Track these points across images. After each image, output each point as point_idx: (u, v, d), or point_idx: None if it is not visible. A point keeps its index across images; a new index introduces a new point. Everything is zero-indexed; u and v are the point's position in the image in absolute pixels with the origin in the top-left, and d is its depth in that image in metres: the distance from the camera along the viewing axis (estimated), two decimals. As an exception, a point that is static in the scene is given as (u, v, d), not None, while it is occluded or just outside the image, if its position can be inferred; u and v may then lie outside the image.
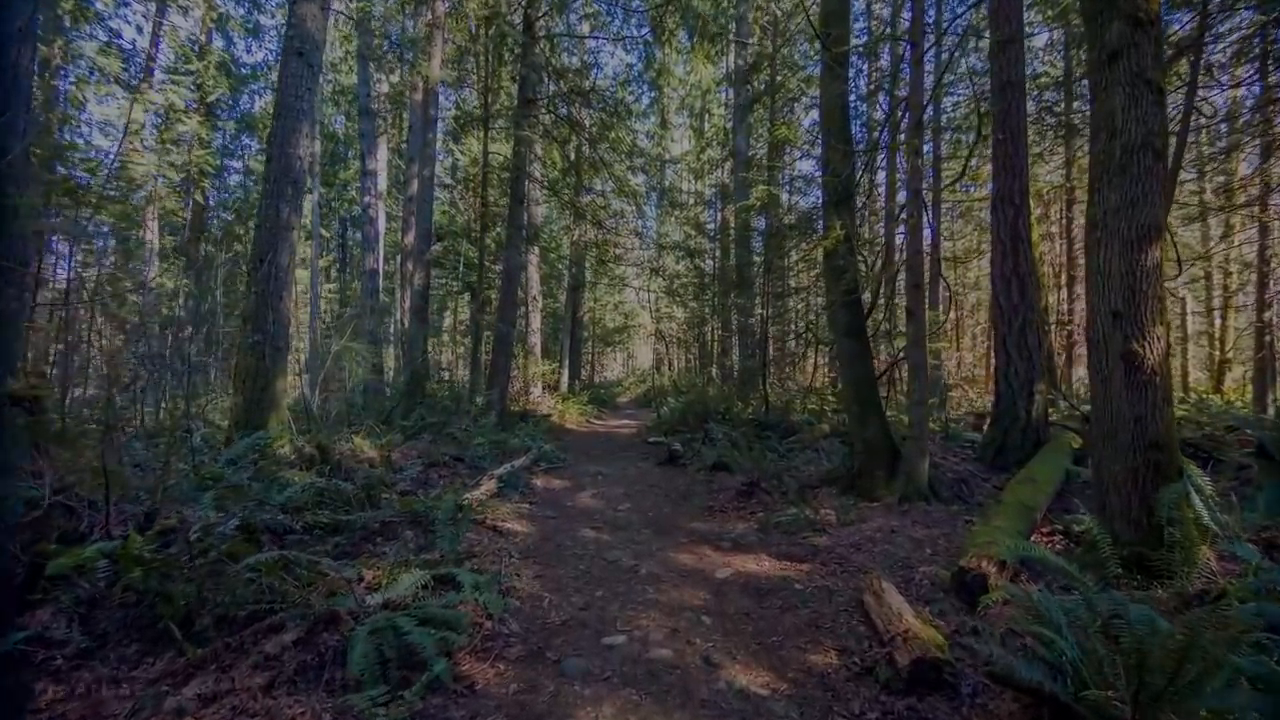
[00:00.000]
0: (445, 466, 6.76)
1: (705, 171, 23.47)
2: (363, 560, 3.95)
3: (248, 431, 5.92)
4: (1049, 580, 3.69)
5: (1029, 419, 6.44)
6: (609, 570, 4.32)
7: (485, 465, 7.00)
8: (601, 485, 7.09)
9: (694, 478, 7.43)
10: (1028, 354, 6.49)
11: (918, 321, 5.51)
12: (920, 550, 4.49)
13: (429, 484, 6.12)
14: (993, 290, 6.87)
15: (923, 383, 5.52)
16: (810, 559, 4.47)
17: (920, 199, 5.50)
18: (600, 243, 19.26)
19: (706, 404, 12.15)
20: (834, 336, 6.13)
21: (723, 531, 5.27)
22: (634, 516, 5.79)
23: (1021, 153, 6.67)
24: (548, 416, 13.48)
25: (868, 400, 5.79)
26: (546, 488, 6.79)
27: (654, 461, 8.78)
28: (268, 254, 6.23)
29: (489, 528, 4.92)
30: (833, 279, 5.89)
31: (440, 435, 8.04)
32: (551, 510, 5.88)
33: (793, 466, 7.55)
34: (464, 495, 5.50)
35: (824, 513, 5.48)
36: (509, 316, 10.70)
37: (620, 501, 6.33)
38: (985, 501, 5.59)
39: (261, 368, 6.08)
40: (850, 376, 5.83)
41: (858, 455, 5.83)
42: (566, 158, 14.35)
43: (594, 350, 29.07)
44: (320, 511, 4.52)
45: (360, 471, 5.48)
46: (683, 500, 6.43)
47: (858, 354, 5.84)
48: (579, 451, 9.82)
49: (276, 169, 6.37)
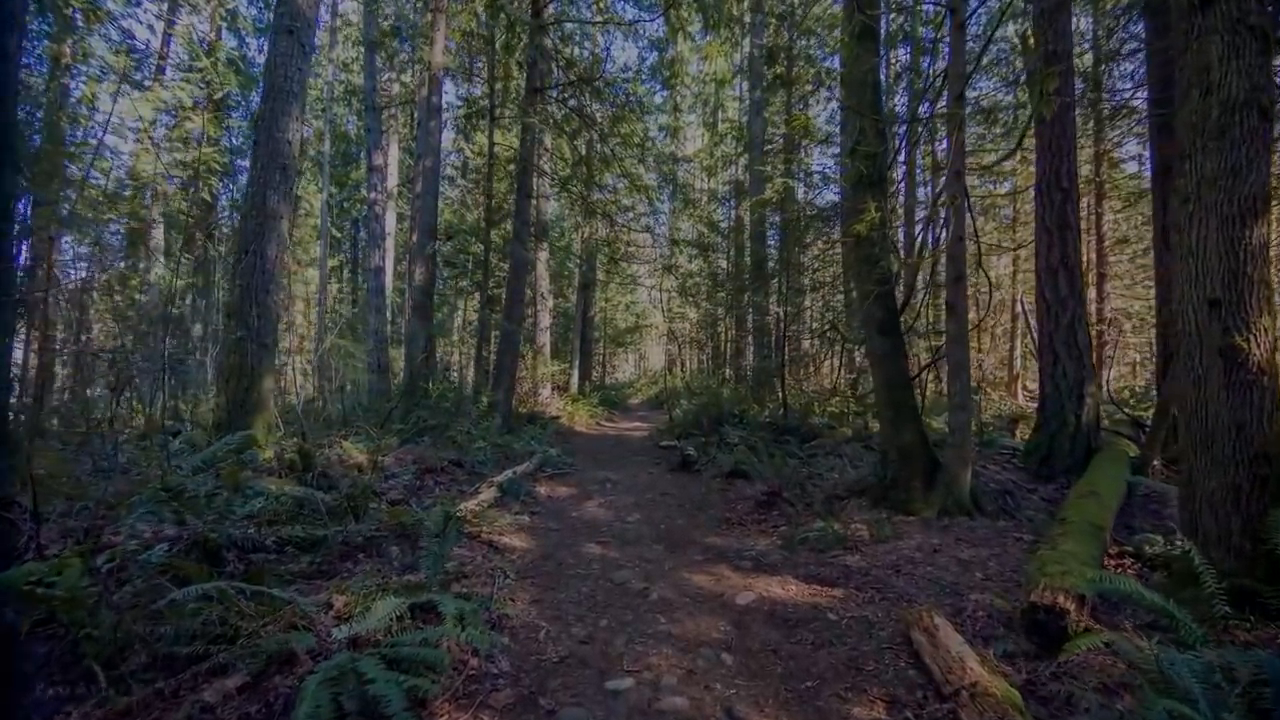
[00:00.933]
0: (443, 472, 6.31)
1: (718, 168, 22.96)
2: (336, 583, 3.49)
3: (231, 434, 5.52)
4: (1131, 616, 3.15)
5: (1079, 424, 5.86)
6: (615, 594, 3.83)
7: (486, 471, 6.55)
8: (610, 493, 6.61)
9: (709, 485, 6.93)
10: (1077, 353, 5.92)
11: (959, 317, 4.98)
12: (968, 574, 3.95)
13: (423, 492, 5.67)
14: (1037, 283, 6.30)
15: (965, 384, 4.98)
16: (843, 582, 3.95)
17: (962, 180, 4.96)
18: (611, 240, 18.82)
19: (721, 406, 11.62)
20: (864, 334, 5.59)
21: (742, 548, 4.76)
22: (644, 529, 5.30)
23: (1069, 133, 6.11)
24: (556, 418, 13.03)
25: (902, 404, 5.25)
26: (550, 496, 6.33)
27: (666, 467, 8.28)
28: (253, 245, 5.83)
29: (484, 542, 4.46)
30: (863, 270, 5.37)
31: (441, 438, 7.61)
32: (554, 522, 5.41)
33: (815, 474, 7.02)
34: (459, 505, 5.05)
35: (855, 528, 4.95)
36: (515, 315, 10.26)
37: (629, 512, 5.84)
38: (1035, 516, 5.03)
39: (246, 366, 5.68)
40: (883, 378, 5.30)
41: (891, 464, 5.29)
42: (576, 152, 13.90)
43: (605, 351, 28.63)
44: (295, 525, 4.09)
45: (347, 479, 5.04)
46: (697, 511, 5.93)
47: (891, 353, 5.31)
48: (587, 455, 9.35)
49: (263, 154, 5.98)
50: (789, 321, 9.78)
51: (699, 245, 15.94)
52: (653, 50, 19.81)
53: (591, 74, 11.04)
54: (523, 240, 10.24)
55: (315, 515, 4.26)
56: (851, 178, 5.40)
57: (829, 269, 14.01)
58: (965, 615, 3.39)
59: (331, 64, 22.63)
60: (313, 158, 24.17)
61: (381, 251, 14.87)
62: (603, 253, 19.97)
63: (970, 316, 13.63)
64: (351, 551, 4.10)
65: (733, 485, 6.74)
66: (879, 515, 5.20)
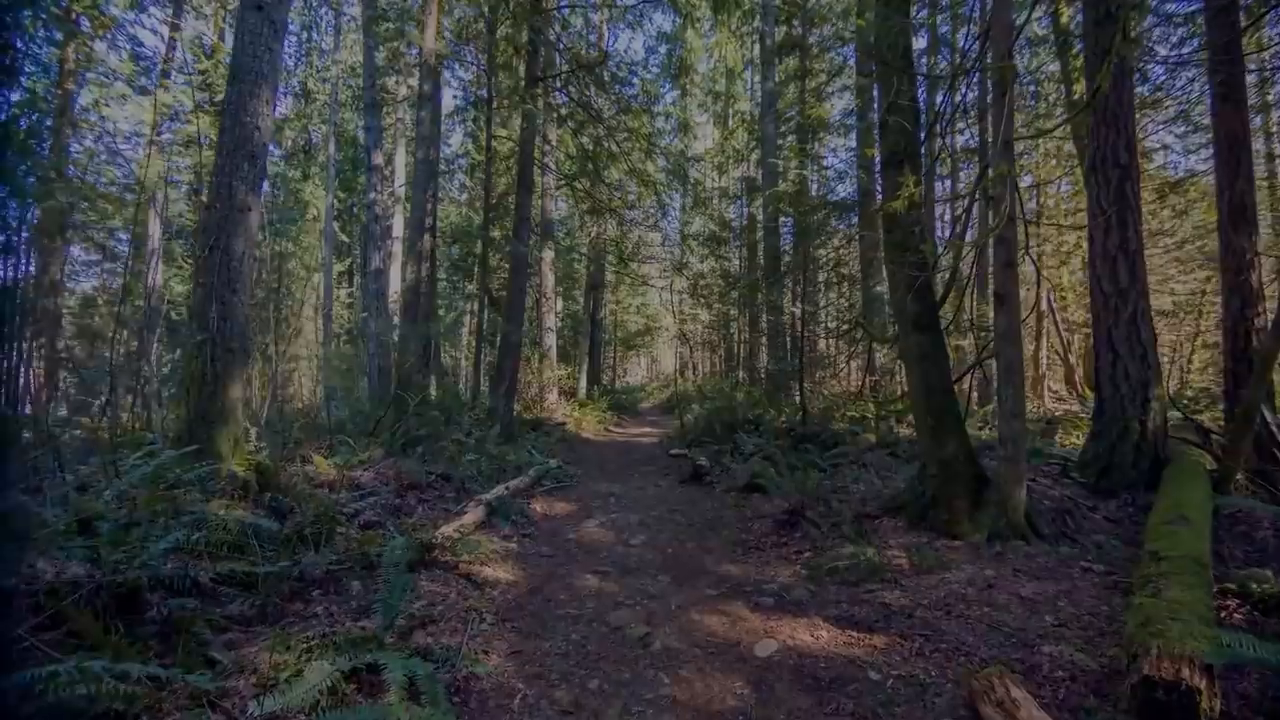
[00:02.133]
0: (428, 488, 5.74)
1: (729, 165, 22.30)
2: (277, 633, 2.91)
3: (192, 449, 4.99)
4: (1257, 682, 2.47)
5: (1144, 431, 5.14)
6: (611, 642, 3.21)
7: (476, 487, 5.96)
8: (613, 510, 5.99)
9: (722, 501, 6.28)
10: (1140, 350, 5.21)
11: (1010, 309, 4.30)
12: (1036, 616, 3.28)
13: (403, 512, 5.10)
14: (1091, 273, 5.59)
15: (1018, 388, 4.30)
16: (883, 627, 3.30)
17: (1011, 151, 4.30)
18: (619, 239, 18.25)
19: (734, 411, 10.97)
20: (896, 331, 4.93)
21: (761, 579, 4.12)
22: (649, 554, 4.67)
23: (1127, 100, 5.40)
24: (562, 425, 12.46)
25: (943, 411, 4.58)
26: (546, 514, 5.72)
27: (676, 479, 7.65)
28: (219, 239, 5.30)
29: (462, 575, 3.86)
30: (896, 258, 4.71)
31: (432, 449, 7.04)
32: (548, 546, 4.80)
33: (840, 487, 6.36)
34: (439, 528, 4.46)
35: (891, 554, 4.30)
36: (516, 316, 9.70)
37: (634, 533, 5.22)
38: (1103, 541, 4.34)
39: (209, 373, 5.14)
40: (920, 381, 4.63)
41: (932, 479, 4.62)
42: (582, 148, 13.34)
43: (615, 354, 28.05)
44: (240, 558, 3.52)
45: (313, 500, 4.47)
46: (709, 531, 5.29)
47: (929, 352, 4.64)
48: (592, 465, 8.75)
49: (230, 140, 5.46)
50: (806, 321, 9.12)
51: (711, 239, 15.27)
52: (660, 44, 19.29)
53: (594, 61, 10.45)
54: (523, 237, 9.68)
55: (267, 545, 3.69)
56: (882, 152, 4.76)
57: (848, 264, 13.28)
58: (1040, 675, 2.73)
59: (338, 65, 22.34)
60: (320, 162, 23.93)
61: (383, 254, 14.42)
62: (611, 252, 19.40)
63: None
64: (305, 588, 3.52)
65: (749, 501, 6.09)
66: (918, 539, 4.53)
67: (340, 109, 22.52)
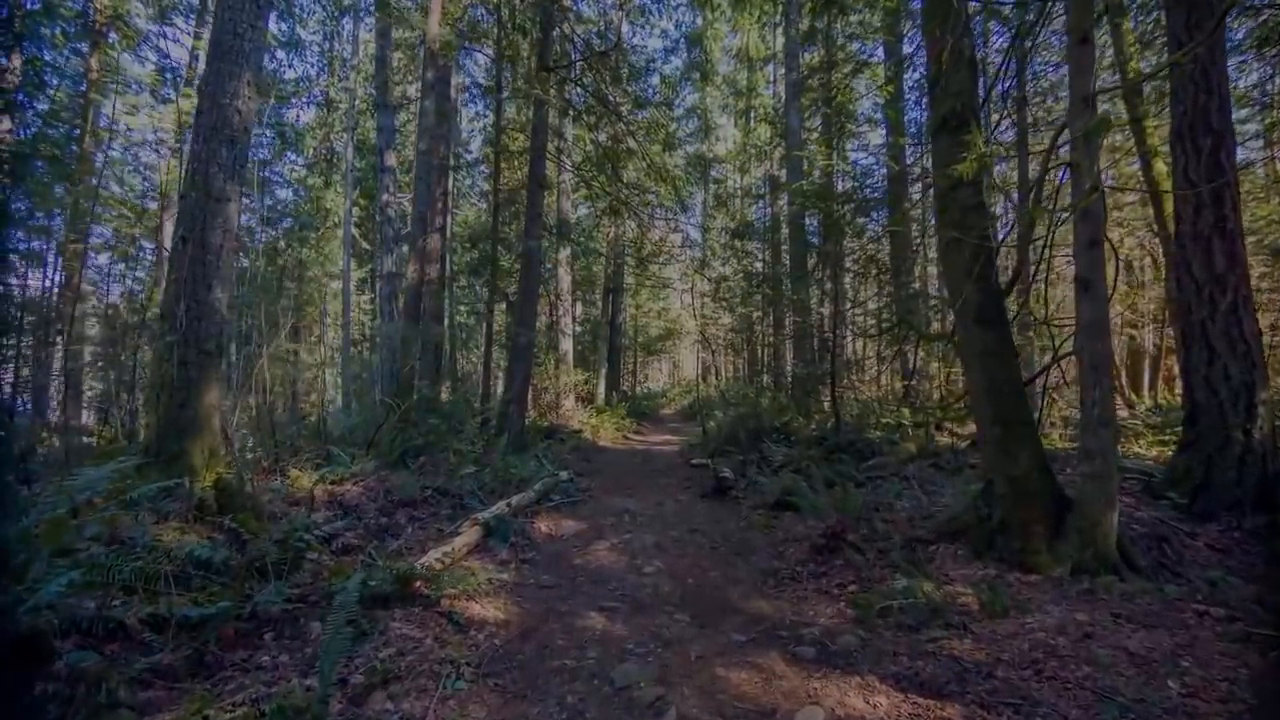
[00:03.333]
0: (423, 505, 5.19)
1: (750, 164, 21.60)
2: (202, 693, 2.37)
3: (160, 461, 4.52)
4: None
5: (1248, 442, 4.36)
6: (615, 708, 2.58)
7: (476, 503, 5.40)
8: (626, 530, 5.37)
9: (750, 519, 5.61)
10: (1244, 347, 4.43)
11: (1097, 296, 3.59)
12: (1155, 681, 2.57)
13: (390, 533, 4.55)
14: (1178, 257, 4.82)
15: (1107, 391, 3.59)
16: (957, 691, 2.62)
17: (1094, 108, 3.60)
18: (638, 240, 17.72)
19: (760, 418, 10.27)
20: (954, 327, 4.24)
21: (799, 620, 3.46)
22: (666, 584, 4.04)
23: (1219, 57, 4.65)
24: (578, 432, 11.89)
25: (1013, 419, 3.87)
26: (551, 534, 5.12)
27: (697, 492, 7.00)
28: (191, 231, 4.84)
29: (443, 613, 3.27)
30: (953, 238, 4.03)
31: (433, 460, 6.52)
32: (549, 574, 4.20)
33: (882, 504, 5.65)
34: (426, 554, 3.90)
35: (953, 590, 3.60)
36: (528, 318, 9.17)
37: (649, 557, 4.59)
38: (1216, 577, 3.58)
39: (181, 377, 4.67)
40: (985, 383, 3.93)
41: (1000, 500, 3.91)
42: (598, 145, 12.82)
43: (636, 359, 27.47)
44: (182, 592, 2.99)
45: (284, 521, 3.94)
46: (735, 556, 4.63)
47: (994, 350, 3.94)
48: (608, 476, 8.14)
49: (207, 124, 5.01)
50: (837, 321, 8.42)
51: (735, 234, 14.62)
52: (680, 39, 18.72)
53: (608, 50, 9.92)
54: (535, 234, 9.16)
55: (218, 577, 3.16)
56: (934, 116, 4.09)
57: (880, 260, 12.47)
58: (1183, 774, 2.04)
59: (356, 73, 22.31)
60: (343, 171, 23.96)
61: (395, 257, 14.08)
62: (630, 254, 18.86)
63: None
64: (256, 630, 2.97)
65: (779, 520, 5.41)
66: (985, 571, 3.83)
67: (359, 116, 22.47)
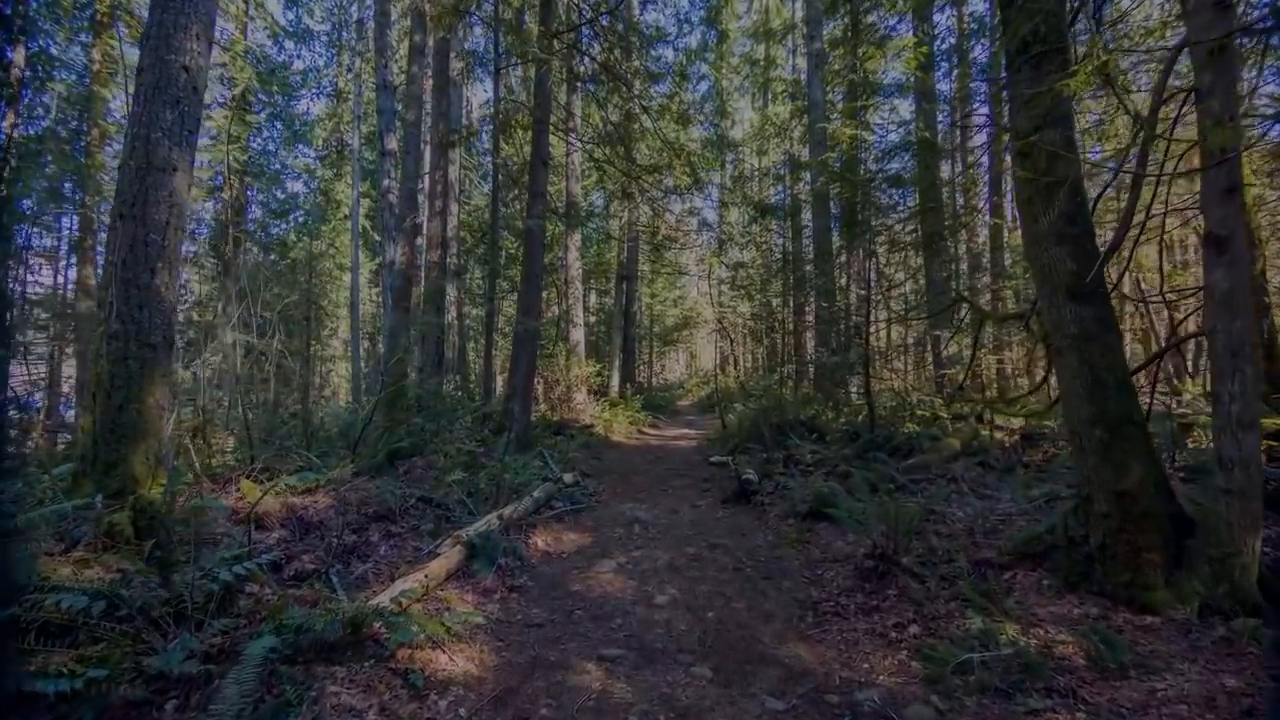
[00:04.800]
0: (403, 517, 4.52)
1: (769, 145, 20.55)
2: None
3: (96, 471, 3.91)
4: None
5: None
6: (610, 826, 1.88)
7: (463, 514, 4.72)
8: (636, 545, 4.65)
9: (779, 532, 4.86)
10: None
11: (1235, 259, 2.78)
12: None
13: (359, 554, 3.88)
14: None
15: (1250, 381, 2.77)
16: (1089, 805, 1.86)
17: (1232, 12, 2.76)
18: (653, 224, 16.95)
19: (784, 411, 9.49)
20: (1036, 305, 3.43)
21: (852, 676, 2.72)
22: (681, 621, 3.32)
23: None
24: (589, 428, 11.21)
25: (1121, 418, 3.06)
26: (549, 552, 4.42)
27: (717, 496, 6.26)
28: (132, 207, 4.20)
29: (397, 671, 2.59)
30: (1037, 192, 3.22)
31: (428, 460, 5.87)
32: (541, 607, 3.50)
33: (933, 513, 4.87)
34: (397, 583, 3.23)
35: (1046, 633, 2.84)
36: (532, 306, 8.47)
37: (662, 583, 3.87)
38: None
39: (120, 374, 4.04)
40: (1083, 373, 3.12)
41: (1103, 519, 3.11)
42: (607, 120, 12.04)
43: (652, 350, 26.74)
44: (64, 649, 2.34)
45: (223, 546, 3.29)
46: (765, 581, 3.89)
47: (1094, 332, 3.12)
48: (619, 477, 7.44)
49: (149, 83, 4.34)
50: (870, 304, 7.56)
51: (757, 207, 13.77)
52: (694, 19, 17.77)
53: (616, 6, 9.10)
54: (538, 213, 8.44)
55: (114, 626, 2.51)
56: (1012, 45, 3.26)
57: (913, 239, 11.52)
58: None
59: (363, 60, 21.80)
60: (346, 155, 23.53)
61: (398, 245, 13.48)
62: (644, 238, 18.08)
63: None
64: (157, 697, 2.32)
65: (814, 532, 4.66)
66: (1082, 607, 3.04)
67: (367, 105, 21.94)
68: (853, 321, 11.50)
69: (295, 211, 24.09)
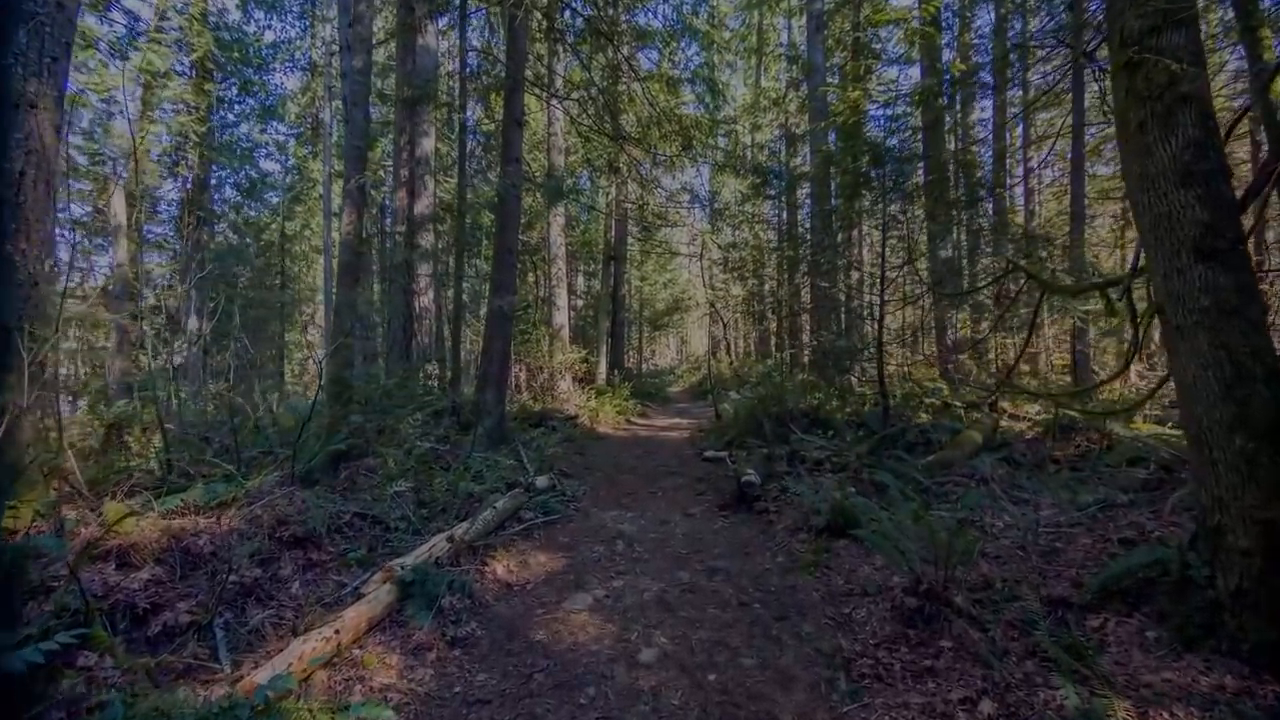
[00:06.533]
0: (331, 539, 3.67)
1: (762, 120, 19.52)
2: None
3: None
4: None
5: None
6: None
7: (408, 532, 3.88)
8: (618, 570, 3.83)
9: (791, 551, 4.06)
10: None
11: None
12: None
13: (262, 595, 3.04)
14: None
15: None
16: None
17: None
18: (641, 200, 16.01)
19: (784, 400, 8.69)
20: (1155, 265, 2.59)
21: (915, 793, 1.92)
22: (673, 694, 2.50)
23: None
24: (573, 418, 10.37)
25: (1270, 422, 2.25)
26: (510, 583, 3.58)
27: (714, 502, 5.46)
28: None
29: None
30: (1152, 109, 2.38)
31: (369, 465, 5.01)
32: (490, 672, 2.67)
33: (966, 522, 4.10)
34: (294, 642, 2.39)
35: (1172, 715, 2.06)
36: (505, 280, 7.56)
37: (649, 627, 3.05)
38: None
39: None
40: (1216, 358, 2.31)
41: (1241, 556, 2.31)
42: (592, 83, 11.03)
43: (641, 335, 25.89)
44: None
45: (51, 599, 2.43)
46: (778, 624, 3.08)
47: (1235, 302, 2.30)
48: (603, 476, 6.62)
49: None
50: (884, 281, 6.71)
51: (755, 171, 12.85)
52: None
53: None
54: (513, 178, 7.51)
55: None
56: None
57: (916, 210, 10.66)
58: None
59: (331, 25, 20.53)
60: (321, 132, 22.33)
61: (347, 212, 12.47)
62: (633, 217, 17.14)
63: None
64: None
65: (832, 553, 3.86)
66: (1210, 675, 2.26)
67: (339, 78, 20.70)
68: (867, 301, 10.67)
69: (269, 191, 22.80)
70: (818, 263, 11.72)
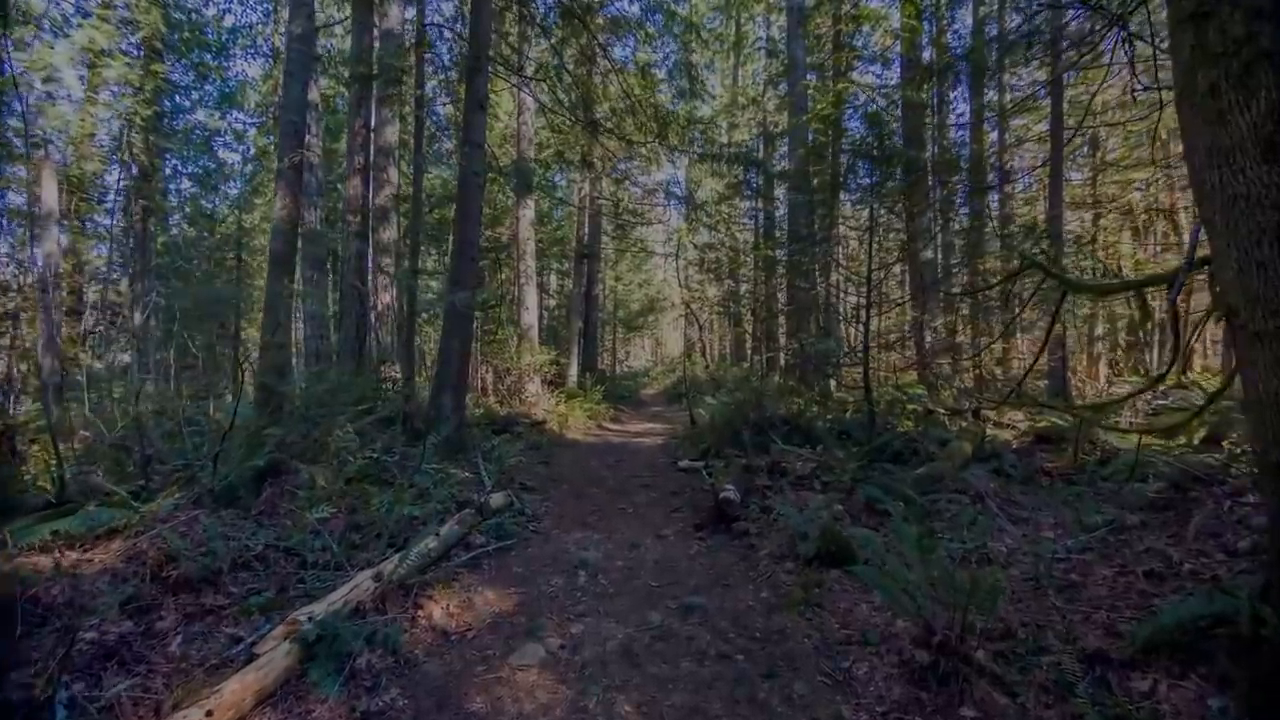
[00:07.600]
0: (231, 579, 3.07)
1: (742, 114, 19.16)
2: None
3: None
4: None
5: None
6: None
7: (330, 567, 3.29)
8: (580, 611, 3.29)
9: (776, 584, 3.57)
10: None
11: None
12: None
13: (126, 660, 2.43)
14: None
15: None
16: None
17: None
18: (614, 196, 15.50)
19: (762, 406, 8.27)
20: (1224, 253, 2.16)
21: None
22: (640, 781, 2.00)
23: None
24: (541, 424, 9.79)
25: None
26: (448, 633, 3.02)
27: (689, 521, 4.97)
28: None
29: None
30: (1227, 69, 1.96)
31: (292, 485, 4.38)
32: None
33: (977, 550, 3.69)
34: None
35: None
36: (465, 278, 6.97)
37: (611, 690, 2.53)
38: None
39: None
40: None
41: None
42: (565, 69, 10.47)
43: (615, 336, 25.33)
44: None
45: None
46: (766, 684, 2.58)
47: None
48: (569, 489, 6.08)
49: None
50: (871, 281, 6.30)
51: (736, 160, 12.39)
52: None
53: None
54: (477, 167, 6.92)
55: None
56: None
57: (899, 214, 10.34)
58: None
59: (292, 8, 19.45)
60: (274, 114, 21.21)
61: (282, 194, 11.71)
62: (607, 214, 16.60)
63: None
64: None
65: (824, 587, 3.38)
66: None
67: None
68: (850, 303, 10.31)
69: (227, 182, 21.61)
70: (797, 263, 11.35)
